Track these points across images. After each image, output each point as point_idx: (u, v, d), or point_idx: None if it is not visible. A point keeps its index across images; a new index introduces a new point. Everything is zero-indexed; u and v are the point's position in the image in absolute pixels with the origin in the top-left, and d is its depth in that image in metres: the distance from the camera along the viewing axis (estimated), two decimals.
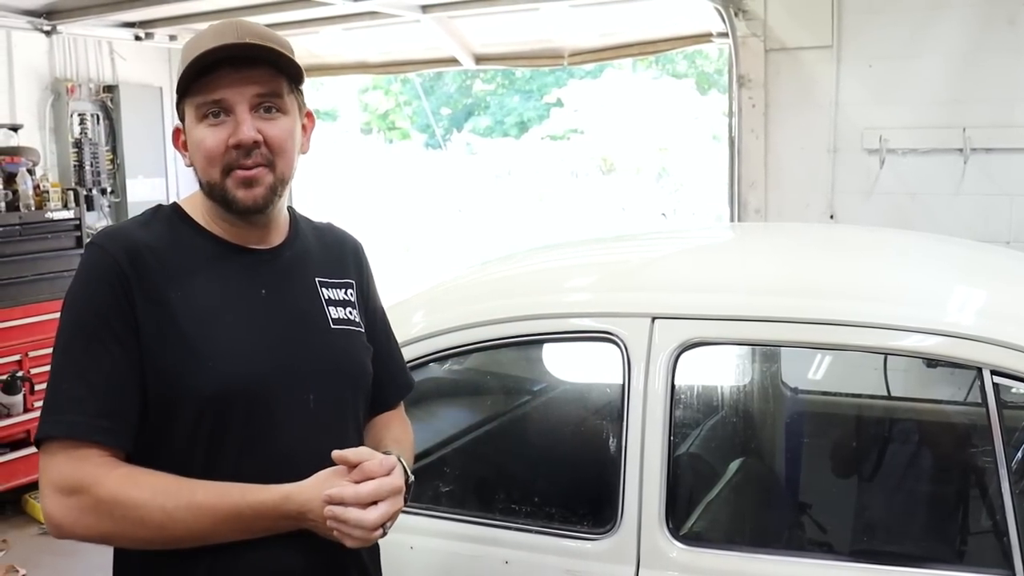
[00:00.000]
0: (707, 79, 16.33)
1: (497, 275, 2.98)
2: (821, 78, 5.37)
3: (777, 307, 2.27)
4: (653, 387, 2.26)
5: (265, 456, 1.70)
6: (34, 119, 6.72)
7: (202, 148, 1.72)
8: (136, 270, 1.67)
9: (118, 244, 1.69)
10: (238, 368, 1.69)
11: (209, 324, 1.69)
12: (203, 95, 1.70)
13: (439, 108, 18.06)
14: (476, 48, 6.91)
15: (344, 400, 1.84)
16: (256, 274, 1.79)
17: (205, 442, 1.68)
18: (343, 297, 1.90)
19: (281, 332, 1.76)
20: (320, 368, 1.79)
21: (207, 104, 1.70)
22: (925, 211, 5.16)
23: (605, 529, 2.27)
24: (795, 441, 3.15)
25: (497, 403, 3.30)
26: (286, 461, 1.70)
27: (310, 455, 1.70)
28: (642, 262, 2.87)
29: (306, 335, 1.80)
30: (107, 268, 1.67)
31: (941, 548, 2.53)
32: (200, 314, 1.69)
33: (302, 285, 1.85)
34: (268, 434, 1.71)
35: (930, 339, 2.14)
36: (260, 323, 1.75)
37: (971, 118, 5.05)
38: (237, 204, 1.73)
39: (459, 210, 16.66)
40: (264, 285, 1.78)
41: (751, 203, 5.64)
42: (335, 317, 1.85)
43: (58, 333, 1.70)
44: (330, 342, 1.83)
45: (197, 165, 1.75)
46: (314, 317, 1.83)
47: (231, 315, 1.72)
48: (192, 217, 1.80)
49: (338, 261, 1.95)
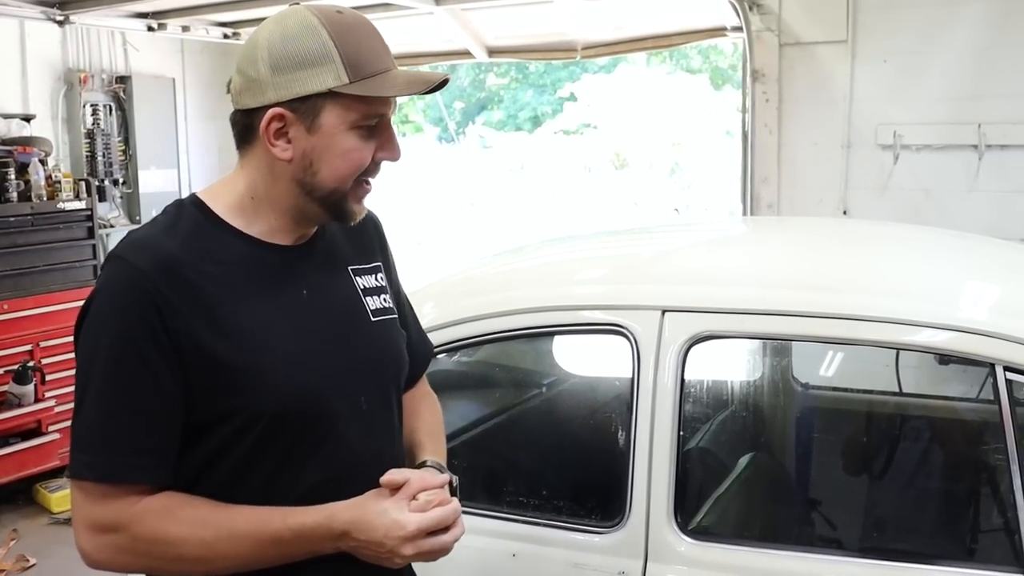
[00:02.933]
0: (721, 75, 16.27)
1: (507, 267, 2.97)
2: (835, 73, 5.35)
3: (788, 301, 2.25)
4: (662, 380, 2.25)
5: (331, 466, 1.65)
6: (47, 109, 6.74)
7: (353, 158, 1.61)
8: (172, 287, 1.54)
9: (148, 257, 1.56)
10: (296, 383, 1.61)
11: (259, 338, 1.60)
12: (369, 107, 1.60)
13: (452, 102, 18.04)
14: (489, 41, 6.90)
15: (390, 394, 1.81)
16: (295, 274, 1.70)
17: (270, 462, 1.61)
18: (376, 283, 1.84)
19: (329, 335, 1.69)
20: (368, 368, 1.74)
21: (371, 116, 1.61)
22: (939, 208, 5.13)
23: (613, 523, 2.26)
24: (805, 437, 3.13)
25: (506, 395, 3.29)
26: (351, 467, 1.66)
27: (370, 457, 1.68)
28: (652, 255, 2.86)
29: (351, 334, 1.74)
30: (139, 287, 1.54)
31: (952, 545, 2.52)
32: (248, 328, 1.59)
33: (338, 278, 1.78)
34: (332, 444, 1.65)
35: (943, 334, 2.12)
36: (308, 328, 1.67)
37: (986, 114, 5.02)
38: (351, 216, 1.68)
39: (472, 204, 16.65)
40: (305, 285, 1.70)
41: (764, 198, 5.62)
42: (374, 308, 1.79)
43: (84, 359, 1.59)
44: (373, 337, 1.78)
45: (327, 169, 1.61)
46: (356, 313, 1.77)
47: (278, 324, 1.63)
48: (219, 215, 1.66)
49: (363, 243, 1.88)
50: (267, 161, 1.63)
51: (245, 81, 1.61)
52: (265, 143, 1.61)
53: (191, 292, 1.56)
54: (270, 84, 1.58)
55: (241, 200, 1.67)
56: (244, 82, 1.62)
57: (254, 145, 1.64)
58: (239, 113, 1.65)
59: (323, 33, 1.57)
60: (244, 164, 1.68)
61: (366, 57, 1.59)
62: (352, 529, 1.58)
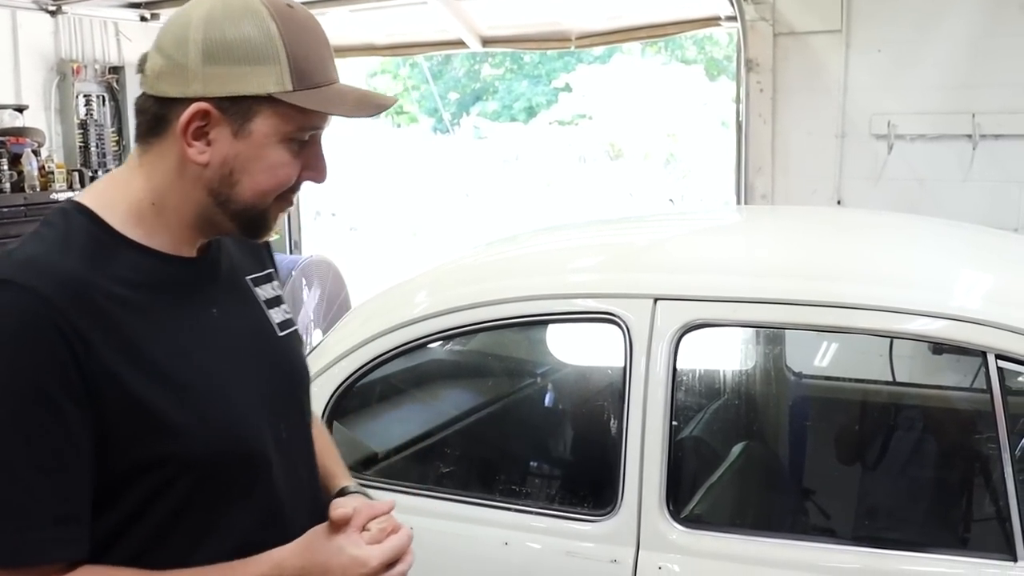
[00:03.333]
0: (716, 65, 16.27)
1: (500, 256, 2.97)
2: (830, 63, 5.34)
3: (781, 289, 2.25)
4: (655, 369, 2.25)
5: (264, 507, 1.47)
6: (39, 100, 6.71)
7: (279, 174, 1.41)
8: (83, 316, 1.28)
9: (49, 281, 1.29)
10: (227, 420, 1.41)
11: (181, 372, 1.37)
12: (308, 119, 1.40)
13: (447, 92, 18.03)
14: (483, 30, 6.89)
15: (306, 417, 1.64)
16: (202, 291, 1.48)
17: (199, 514, 1.40)
18: (273, 293, 1.63)
19: (244, 359, 1.49)
20: (283, 391, 1.56)
21: (307, 130, 1.42)
22: (933, 197, 5.13)
23: (605, 511, 2.26)
24: (798, 425, 3.14)
25: (498, 384, 3.29)
26: (282, 505, 1.50)
27: (297, 490, 1.54)
28: (645, 243, 2.86)
29: (263, 354, 1.54)
30: (43, 318, 1.26)
31: (943, 533, 2.52)
32: (168, 361, 1.36)
33: (240, 292, 1.57)
34: (262, 482, 1.46)
35: (935, 323, 2.13)
36: (225, 354, 1.46)
37: (980, 104, 5.01)
38: (265, 234, 1.48)
39: (467, 195, 16.66)
40: (213, 302, 1.48)
41: (758, 188, 5.61)
42: (278, 321, 1.60)
43: None
44: (283, 355, 1.59)
45: (248, 181, 1.40)
46: (263, 329, 1.57)
47: (198, 353, 1.41)
48: (114, 226, 1.40)
49: (253, 249, 1.64)
50: (177, 162, 1.40)
51: (168, 64, 1.37)
52: (181, 141, 1.38)
53: (103, 321, 1.31)
54: (199, 74, 1.36)
55: (140, 207, 1.42)
56: (166, 65, 1.37)
57: (164, 140, 1.40)
58: (151, 100, 1.40)
59: (271, 28, 1.37)
60: (145, 162, 1.43)
61: (314, 65, 1.41)
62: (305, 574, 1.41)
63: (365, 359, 2.56)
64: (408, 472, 2.85)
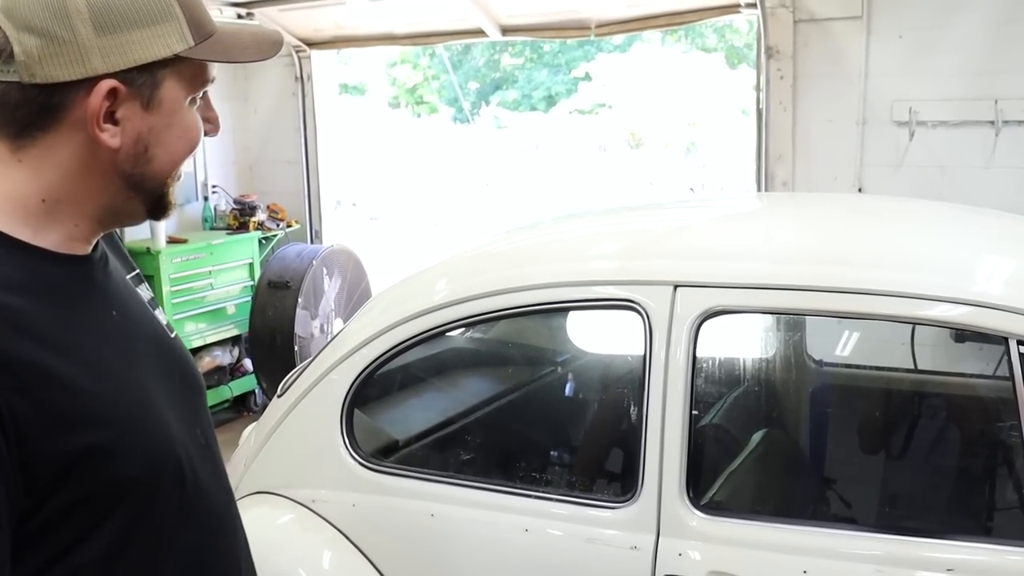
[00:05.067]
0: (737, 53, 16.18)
1: (520, 243, 2.97)
2: (850, 49, 5.30)
3: (801, 275, 2.24)
4: (675, 355, 2.25)
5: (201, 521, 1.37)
6: None
7: (192, 138, 1.30)
8: None
9: None
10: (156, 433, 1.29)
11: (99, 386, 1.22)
12: (206, 73, 1.30)
13: (467, 82, 18.01)
14: (502, 19, 6.87)
15: (210, 419, 1.52)
16: (99, 292, 1.33)
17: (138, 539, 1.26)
18: (149, 295, 1.50)
19: (151, 364, 1.36)
20: (190, 396, 1.44)
21: (204, 84, 1.31)
22: (955, 184, 5.10)
23: (625, 498, 2.26)
24: (818, 413, 3.13)
25: (519, 371, 3.30)
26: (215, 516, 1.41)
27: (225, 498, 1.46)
28: (665, 230, 2.86)
29: (164, 357, 1.41)
30: None
31: (965, 520, 2.51)
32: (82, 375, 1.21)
33: (129, 293, 1.42)
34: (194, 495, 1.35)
35: (957, 308, 2.11)
36: (133, 360, 1.33)
37: (1003, 90, 4.97)
38: (170, 208, 1.35)
39: (487, 184, 16.65)
40: (111, 304, 1.34)
41: (778, 176, 5.59)
42: (165, 323, 1.48)
43: None
44: (180, 358, 1.47)
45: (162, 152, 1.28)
46: (158, 332, 1.44)
47: (109, 362, 1.27)
48: None
49: (120, 249, 1.50)
50: (79, 152, 1.24)
51: (48, 44, 1.19)
52: (91, 128, 1.22)
53: (10, 338, 1.15)
54: (95, 48, 1.19)
55: (25, 204, 1.24)
56: (46, 45, 1.19)
57: (55, 132, 1.23)
58: (31, 89, 1.20)
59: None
60: (29, 157, 1.24)
61: (202, 11, 1.27)
62: None
63: (385, 347, 2.57)
64: (429, 459, 2.86)
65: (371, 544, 2.53)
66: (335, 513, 2.56)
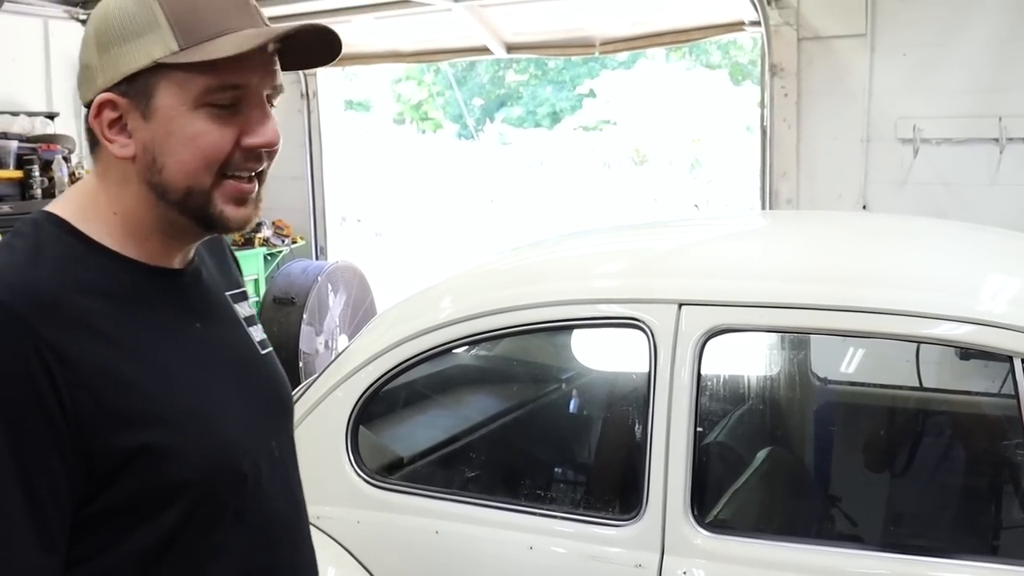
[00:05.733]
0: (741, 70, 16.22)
1: (525, 261, 2.98)
2: (854, 67, 5.32)
3: (806, 294, 2.24)
4: (679, 374, 2.25)
5: (262, 530, 1.41)
6: (70, 107, 6.78)
7: (200, 144, 1.29)
8: (59, 332, 1.20)
9: (20, 295, 1.20)
10: (217, 439, 1.34)
11: (162, 388, 1.29)
12: (217, 76, 1.28)
13: (471, 98, 18.06)
14: (507, 37, 6.90)
15: (292, 435, 1.57)
16: (186, 305, 1.40)
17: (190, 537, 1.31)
18: (250, 311, 1.56)
19: (231, 375, 1.42)
20: (272, 410, 1.50)
21: (222, 90, 1.29)
22: (959, 202, 5.10)
23: (630, 516, 2.26)
24: (823, 431, 3.13)
25: (523, 389, 3.30)
26: (280, 527, 1.45)
27: (294, 511, 1.50)
28: (670, 248, 2.86)
29: (252, 374, 1.48)
30: (12, 333, 1.18)
31: (971, 539, 2.51)
32: (153, 378, 1.28)
33: (224, 308, 1.49)
34: (258, 505, 1.40)
35: (961, 327, 2.11)
36: (211, 370, 1.39)
37: (1007, 107, 4.98)
38: (226, 223, 1.34)
39: (491, 201, 16.67)
40: (197, 318, 1.41)
41: (783, 193, 5.60)
42: (258, 340, 1.53)
43: None
44: (267, 373, 1.53)
45: (174, 163, 1.29)
46: (248, 348, 1.50)
47: (184, 370, 1.34)
48: (89, 235, 1.32)
49: (228, 266, 1.59)
50: (115, 166, 1.33)
51: (81, 71, 1.33)
52: (102, 140, 1.31)
53: (81, 337, 1.22)
54: (99, 67, 1.30)
55: (107, 217, 1.34)
56: (80, 72, 1.33)
57: (99, 149, 1.34)
58: (86, 111, 1.33)
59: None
60: (98, 173, 1.36)
61: (202, 16, 1.28)
62: None
63: (391, 364, 2.57)
64: (434, 476, 2.86)
65: (376, 561, 2.52)
66: (340, 530, 2.56)
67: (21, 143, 6.08)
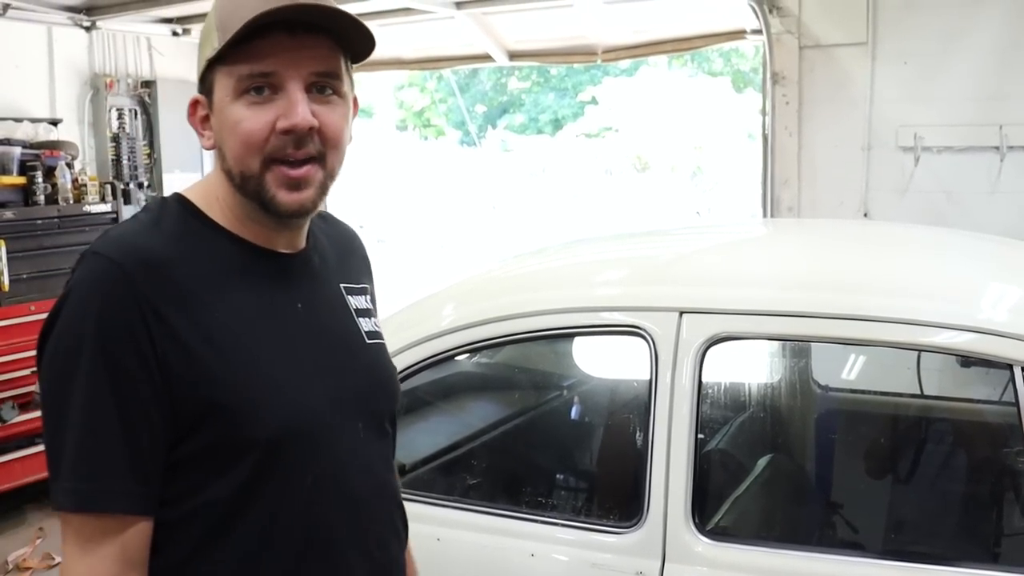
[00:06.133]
0: (743, 77, 16.24)
1: (527, 268, 2.99)
2: (855, 75, 5.33)
3: (807, 302, 2.25)
4: (680, 381, 2.26)
5: (333, 502, 1.50)
6: (73, 114, 6.81)
7: (239, 131, 1.40)
8: (158, 288, 1.36)
9: (132, 256, 1.37)
10: (292, 407, 1.44)
11: (249, 357, 1.42)
12: (248, 64, 1.39)
13: (474, 105, 18.09)
14: (510, 44, 6.92)
15: (385, 423, 1.66)
16: (289, 286, 1.52)
17: (266, 499, 1.43)
18: (366, 305, 1.68)
19: (324, 355, 1.53)
20: (365, 393, 1.59)
21: (252, 77, 1.39)
22: (960, 209, 5.11)
23: (631, 523, 2.26)
24: (824, 438, 3.13)
25: (524, 396, 3.30)
26: (353, 504, 1.53)
27: (371, 492, 1.58)
28: (671, 256, 2.87)
29: (347, 356, 1.58)
30: (120, 286, 1.34)
31: (972, 547, 2.51)
32: (241, 341, 1.42)
33: (332, 295, 1.61)
34: (331, 476, 1.49)
35: (961, 335, 2.12)
36: (303, 346, 1.50)
37: (1008, 115, 4.99)
38: (277, 207, 1.43)
39: (493, 207, 16.69)
40: (300, 299, 1.53)
41: (784, 201, 5.60)
42: (367, 330, 1.63)
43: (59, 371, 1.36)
44: (368, 361, 1.62)
45: (228, 151, 1.43)
46: (351, 333, 1.61)
47: (272, 340, 1.46)
48: (207, 214, 1.48)
49: (354, 262, 1.73)
50: (213, 155, 1.50)
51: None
52: (197, 134, 1.50)
53: (178, 295, 1.38)
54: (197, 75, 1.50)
55: (213, 201, 1.50)
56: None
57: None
58: None
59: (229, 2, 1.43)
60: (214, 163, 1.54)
61: (237, 10, 1.38)
62: None
63: None
64: (435, 484, 2.86)
65: None
66: None
67: (24, 149, 6.08)
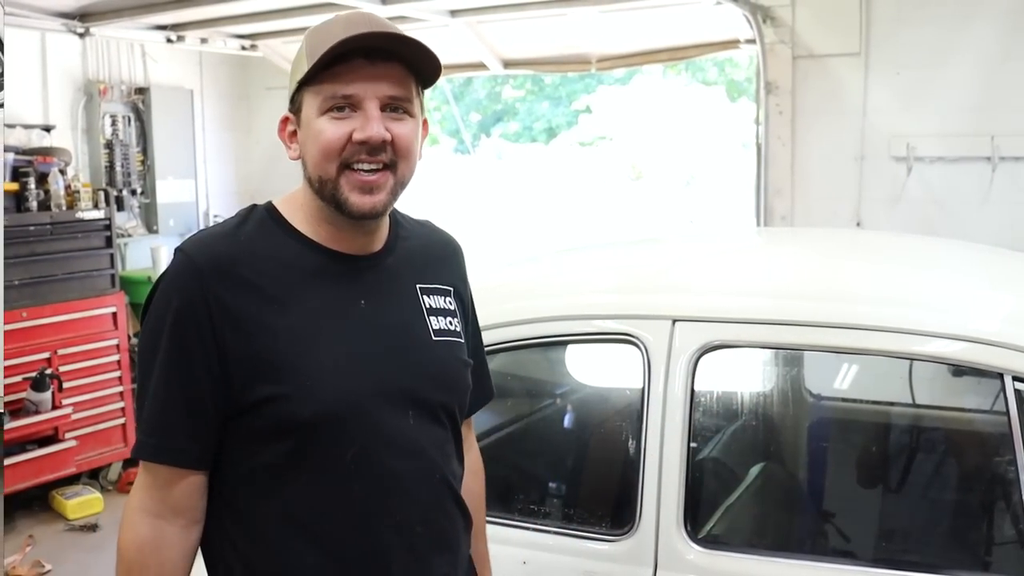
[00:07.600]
0: (737, 87, 16.26)
1: (521, 276, 2.99)
2: (849, 85, 5.36)
3: (799, 310, 2.26)
4: (673, 389, 2.27)
5: (370, 478, 1.64)
6: (67, 120, 6.80)
7: (320, 140, 1.61)
8: (224, 284, 1.60)
9: (206, 253, 1.62)
10: (333, 391, 1.61)
11: (306, 340, 1.61)
12: (332, 85, 1.61)
13: (468, 114, 18.08)
14: (504, 53, 6.94)
15: (442, 414, 1.76)
16: (355, 283, 1.70)
17: (306, 468, 1.62)
18: (444, 305, 1.80)
19: (378, 347, 1.68)
20: (418, 384, 1.71)
21: (335, 97, 1.61)
22: (952, 219, 5.13)
23: (623, 531, 2.27)
24: (816, 447, 3.13)
25: (517, 404, 3.30)
26: (393, 481, 1.66)
27: (416, 473, 1.69)
28: (664, 265, 2.88)
29: (405, 348, 1.71)
30: (192, 281, 1.60)
31: (962, 555, 2.52)
32: (296, 329, 1.61)
33: (403, 293, 1.76)
34: (370, 456, 1.63)
35: (952, 344, 2.13)
36: (357, 338, 1.66)
37: (1000, 126, 5.02)
38: (350, 208, 1.63)
39: (487, 215, 16.68)
40: (364, 295, 1.70)
41: (777, 210, 5.62)
42: (436, 328, 1.76)
43: (142, 344, 1.67)
44: (431, 355, 1.75)
45: (309, 158, 1.65)
46: (415, 328, 1.74)
47: (327, 332, 1.64)
48: (288, 220, 1.70)
49: (440, 265, 1.86)
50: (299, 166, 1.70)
51: None
52: (285, 147, 1.71)
53: (245, 294, 1.60)
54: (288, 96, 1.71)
55: (297, 209, 1.71)
56: None
57: None
58: None
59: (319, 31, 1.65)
60: None
61: (323, 40, 1.59)
62: None
63: None
64: None
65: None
66: None
67: (17, 155, 6.07)
